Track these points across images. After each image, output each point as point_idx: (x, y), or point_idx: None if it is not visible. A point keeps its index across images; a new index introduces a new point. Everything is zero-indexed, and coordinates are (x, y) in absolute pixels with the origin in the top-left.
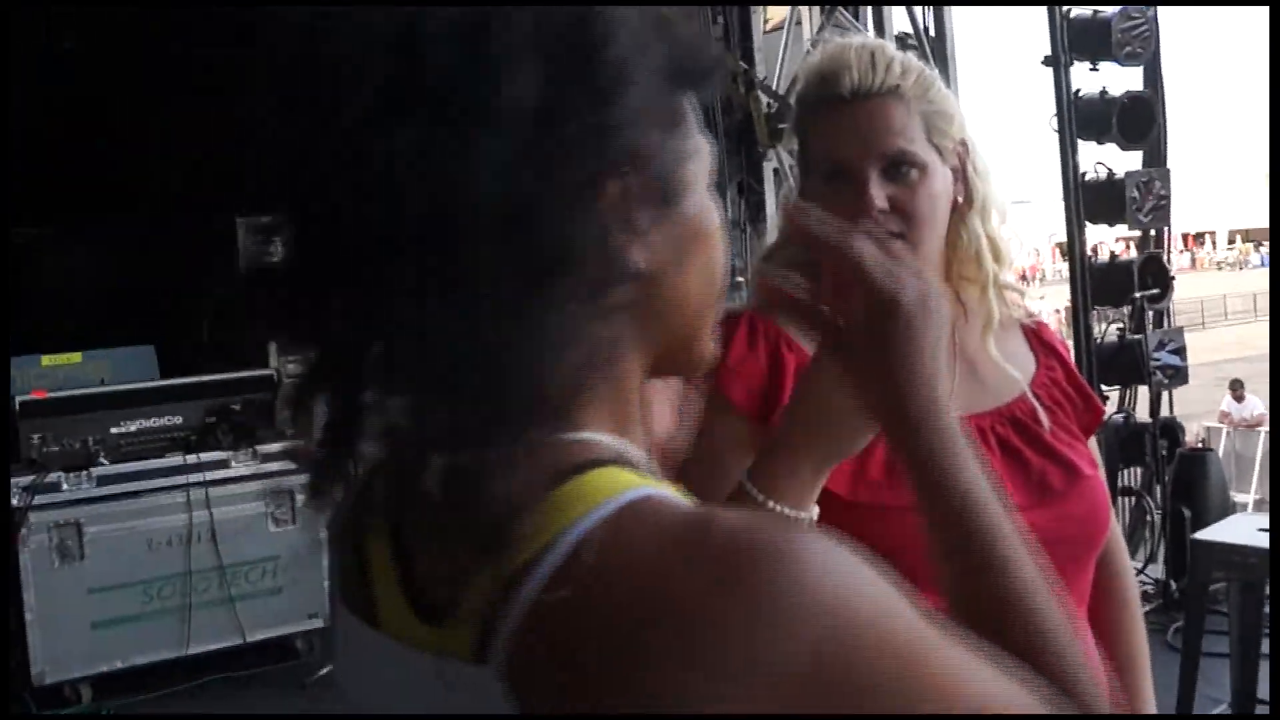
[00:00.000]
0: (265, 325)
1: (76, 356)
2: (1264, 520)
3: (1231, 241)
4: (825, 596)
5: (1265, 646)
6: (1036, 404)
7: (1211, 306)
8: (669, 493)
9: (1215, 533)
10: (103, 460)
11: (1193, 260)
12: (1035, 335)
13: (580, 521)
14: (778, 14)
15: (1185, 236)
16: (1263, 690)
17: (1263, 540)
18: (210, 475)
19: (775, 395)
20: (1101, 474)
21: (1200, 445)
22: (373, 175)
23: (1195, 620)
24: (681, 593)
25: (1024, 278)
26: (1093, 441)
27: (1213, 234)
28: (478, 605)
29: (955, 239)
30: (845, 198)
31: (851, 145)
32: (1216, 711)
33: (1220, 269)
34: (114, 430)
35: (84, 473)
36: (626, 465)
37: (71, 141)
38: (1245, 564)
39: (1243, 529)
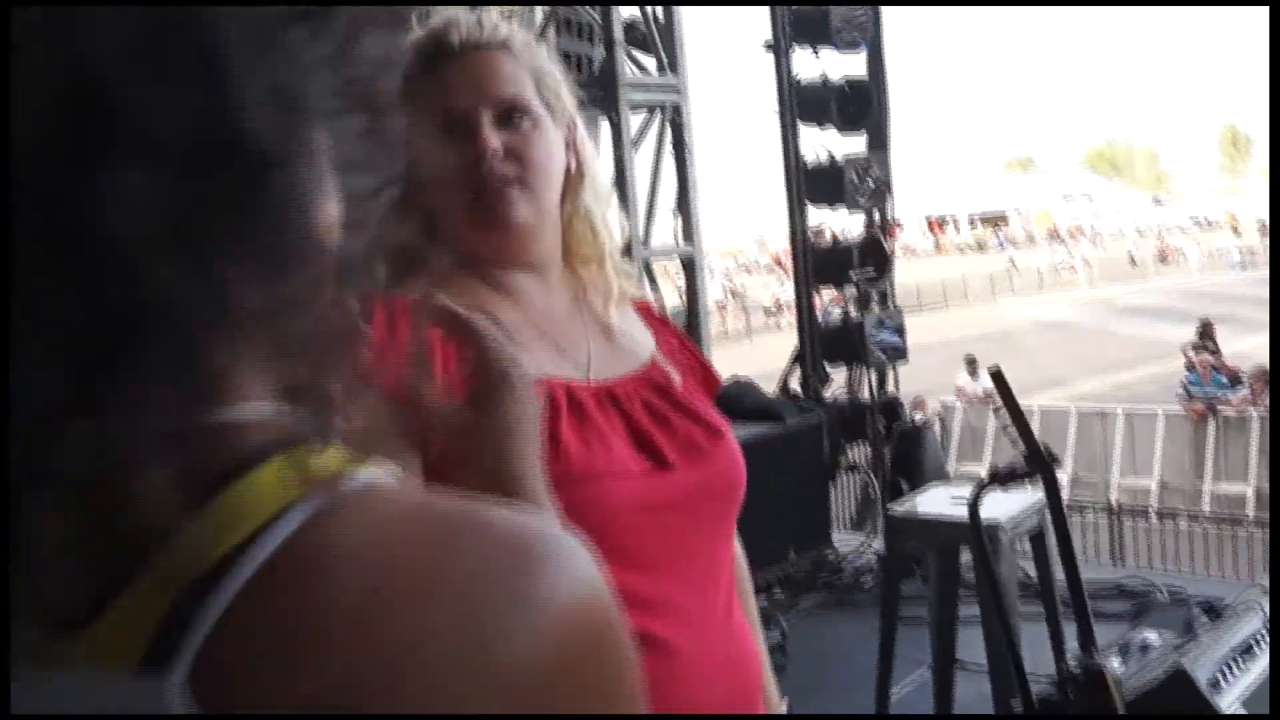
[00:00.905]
0: None
1: None
2: (958, 490)
3: (972, 226)
4: (578, 600)
5: (971, 610)
6: (669, 368)
7: (953, 287)
8: (384, 476)
9: (909, 504)
10: None
11: (937, 244)
12: (645, 311)
13: (285, 516)
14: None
15: (930, 221)
16: (965, 653)
17: (953, 509)
18: None
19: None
20: (731, 433)
21: (915, 421)
22: None
23: (891, 586)
24: (419, 580)
25: (778, 263)
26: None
27: (954, 219)
28: (143, 611)
29: (571, 210)
30: (461, 146)
31: (463, 93)
32: (919, 672)
33: (963, 253)
34: None
35: None
36: (313, 445)
37: None
38: (935, 532)
39: (938, 499)
